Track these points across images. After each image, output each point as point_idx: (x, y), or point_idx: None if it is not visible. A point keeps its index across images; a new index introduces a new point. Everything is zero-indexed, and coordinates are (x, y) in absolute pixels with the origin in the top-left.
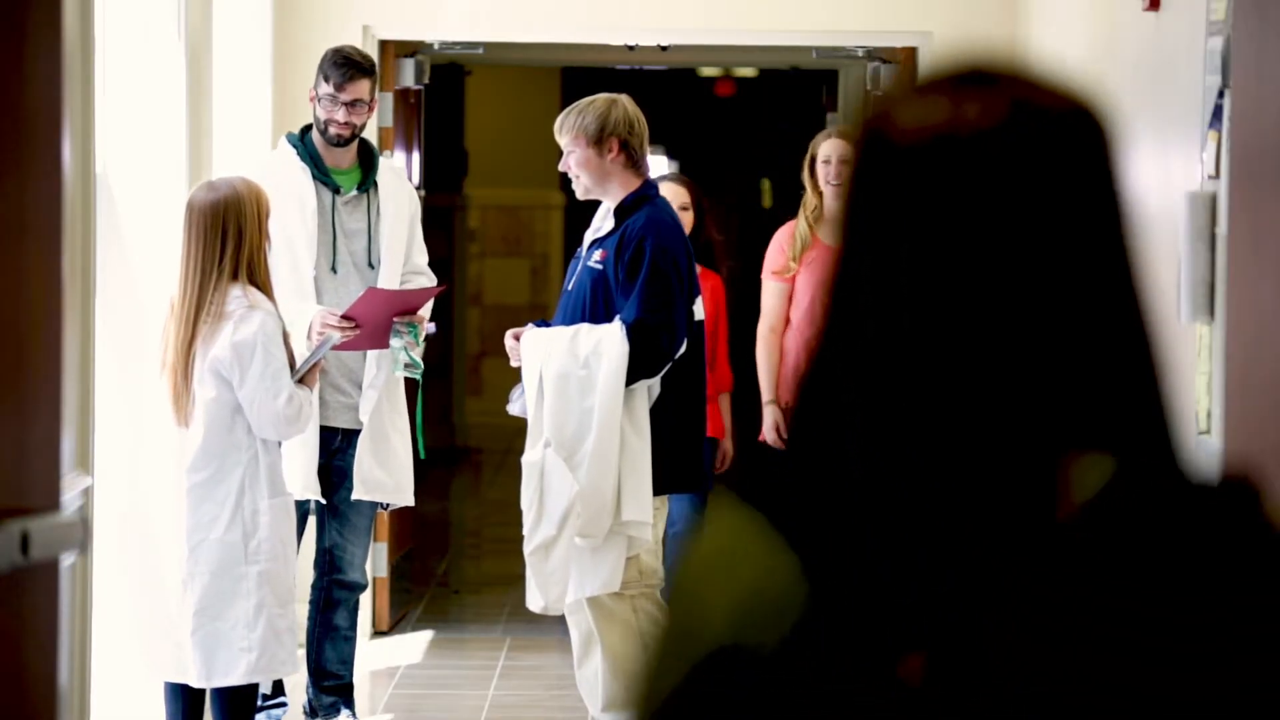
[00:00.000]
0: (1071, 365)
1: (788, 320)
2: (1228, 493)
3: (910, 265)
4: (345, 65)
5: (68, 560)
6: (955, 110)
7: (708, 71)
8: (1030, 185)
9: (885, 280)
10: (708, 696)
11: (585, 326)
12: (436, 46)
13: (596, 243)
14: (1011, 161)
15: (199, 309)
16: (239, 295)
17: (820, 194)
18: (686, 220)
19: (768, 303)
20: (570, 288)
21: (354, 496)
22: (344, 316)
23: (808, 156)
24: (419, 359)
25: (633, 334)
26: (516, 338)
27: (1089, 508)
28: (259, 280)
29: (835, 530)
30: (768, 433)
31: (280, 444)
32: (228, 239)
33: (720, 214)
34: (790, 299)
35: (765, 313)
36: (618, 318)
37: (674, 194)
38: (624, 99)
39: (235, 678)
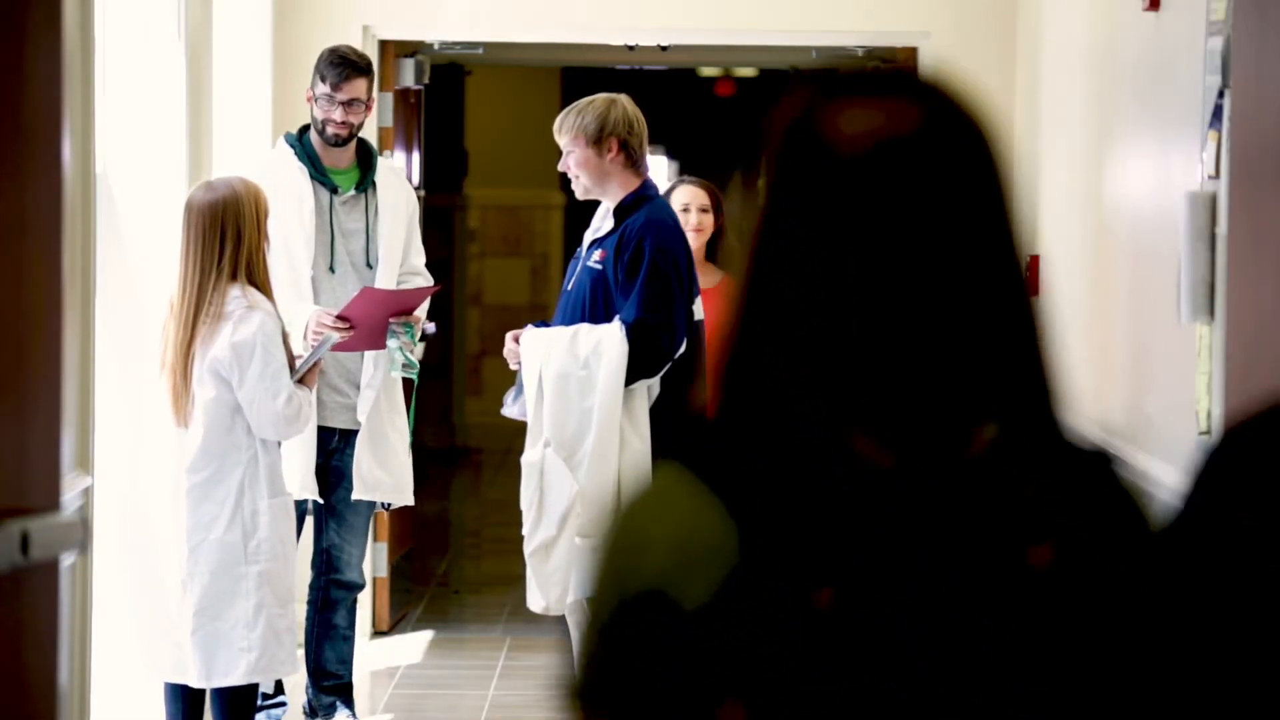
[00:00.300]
0: (974, 341)
1: None
2: (1092, 456)
3: (857, 253)
4: (341, 65)
5: (68, 560)
6: (885, 119)
7: (708, 71)
8: (951, 185)
9: (831, 270)
10: (629, 638)
11: (585, 326)
12: (436, 46)
13: (596, 243)
14: (933, 166)
15: (198, 309)
16: (238, 295)
17: None
18: (707, 223)
19: None
20: (570, 288)
21: (354, 496)
22: (340, 316)
23: None
24: (415, 359)
25: (632, 334)
26: (516, 340)
27: (997, 451)
28: (258, 280)
29: (760, 482)
30: None
31: (279, 444)
32: (227, 239)
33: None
34: None
35: None
36: (617, 318)
37: (694, 196)
38: (623, 99)
39: (235, 678)
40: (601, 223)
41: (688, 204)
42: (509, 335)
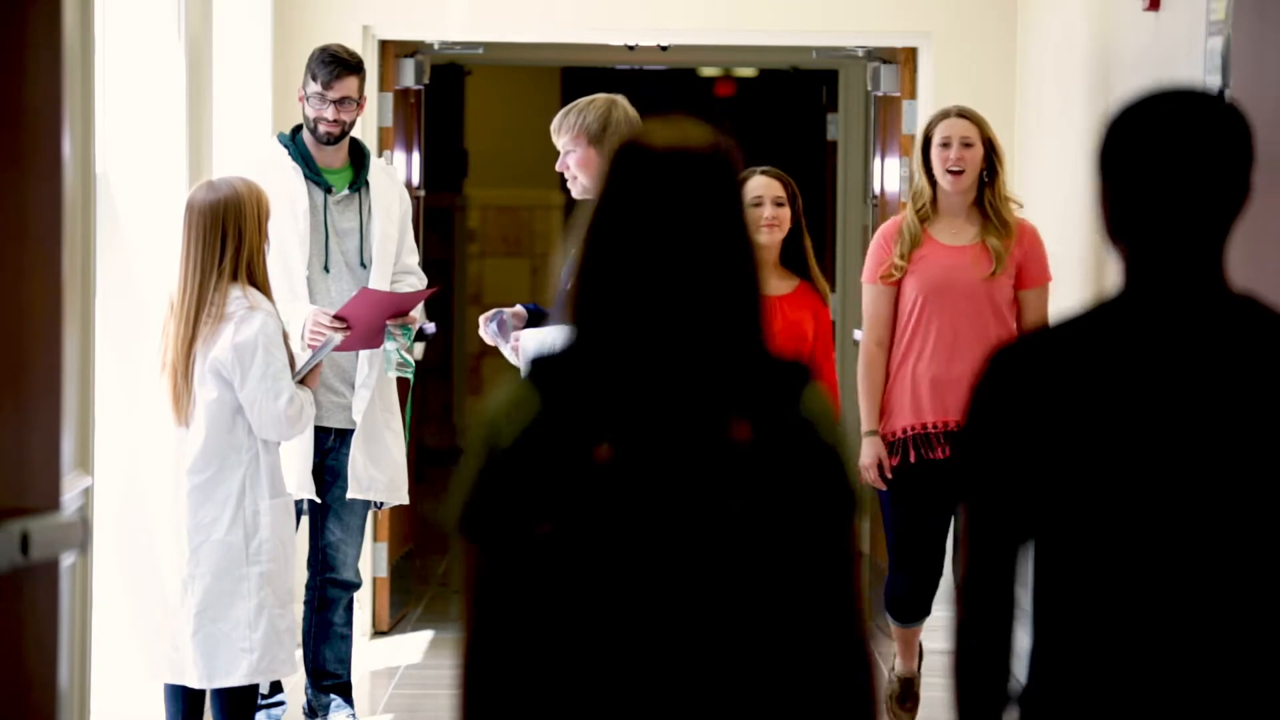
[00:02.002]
0: (714, 283)
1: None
2: (795, 369)
3: (652, 220)
4: (332, 63)
5: (68, 560)
6: (680, 136)
7: (708, 71)
8: (714, 171)
9: (636, 230)
10: (473, 479)
11: None
12: (436, 46)
13: None
14: (715, 170)
15: (199, 309)
16: (239, 296)
17: (934, 183)
18: (783, 218)
19: (870, 310)
20: (567, 287)
21: (348, 496)
22: (337, 316)
23: (920, 139)
24: (411, 360)
25: None
26: (490, 320)
27: (718, 366)
28: (258, 281)
29: (561, 372)
30: (867, 471)
31: (280, 444)
32: (228, 239)
33: None
34: (896, 305)
35: (869, 323)
36: None
37: (767, 188)
38: (621, 99)
39: (237, 678)
40: None
41: (760, 196)
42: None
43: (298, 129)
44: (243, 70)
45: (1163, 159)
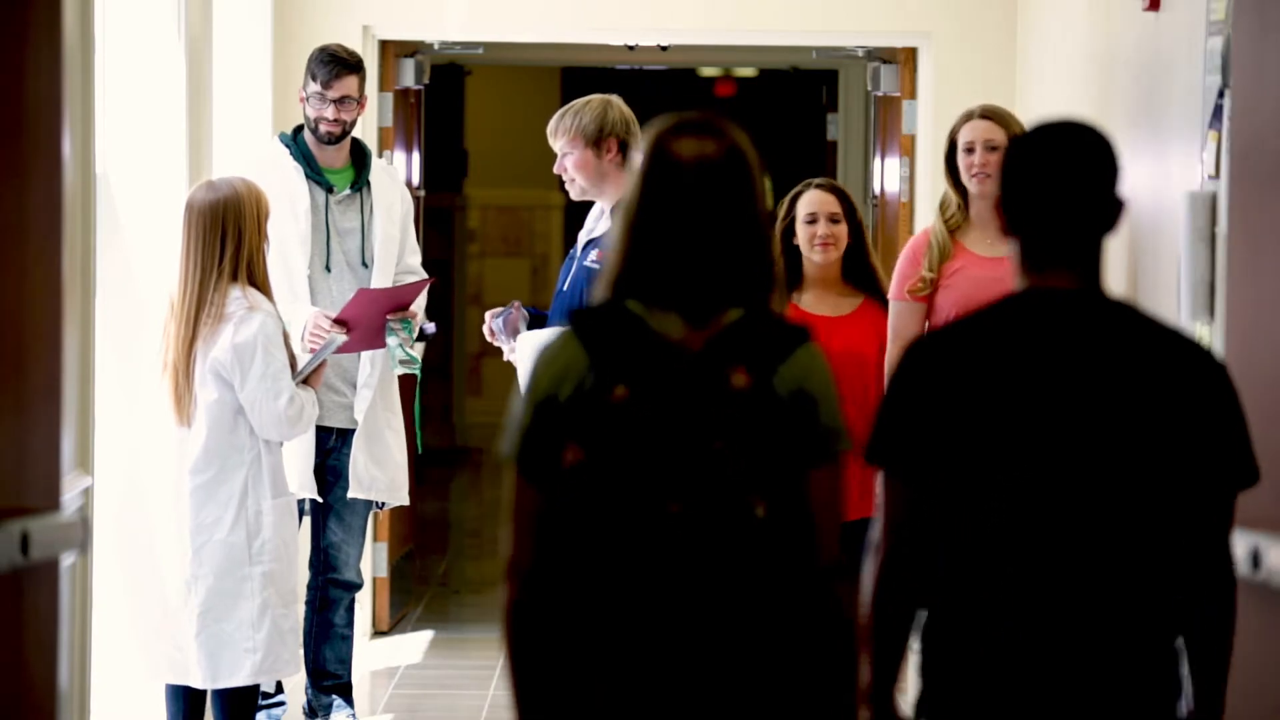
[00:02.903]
0: (728, 265)
1: None
2: (793, 330)
3: (677, 208)
4: (331, 63)
5: (68, 560)
6: (702, 146)
7: (708, 71)
8: (731, 177)
9: (666, 212)
10: (538, 425)
11: None
12: (436, 46)
13: (591, 243)
14: (729, 169)
15: (199, 309)
16: (238, 296)
17: (962, 190)
18: (840, 235)
19: (895, 327)
20: (565, 288)
21: (349, 495)
22: (337, 320)
23: (946, 144)
24: (416, 355)
25: None
26: (496, 317)
27: (733, 327)
28: (258, 281)
29: (594, 325)
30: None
31: (282, 444)
32: (227, 240)
33: None
34: (926, 322)
35: (894, 338)
36: None
37: (820, 204)
38: (616, 99)
39: (240, 678)
40: (596, 223)
41: (814, 212)
42: (489, 313)
43: (299, 129)
44: (243, 70)
45: (1042, 173)
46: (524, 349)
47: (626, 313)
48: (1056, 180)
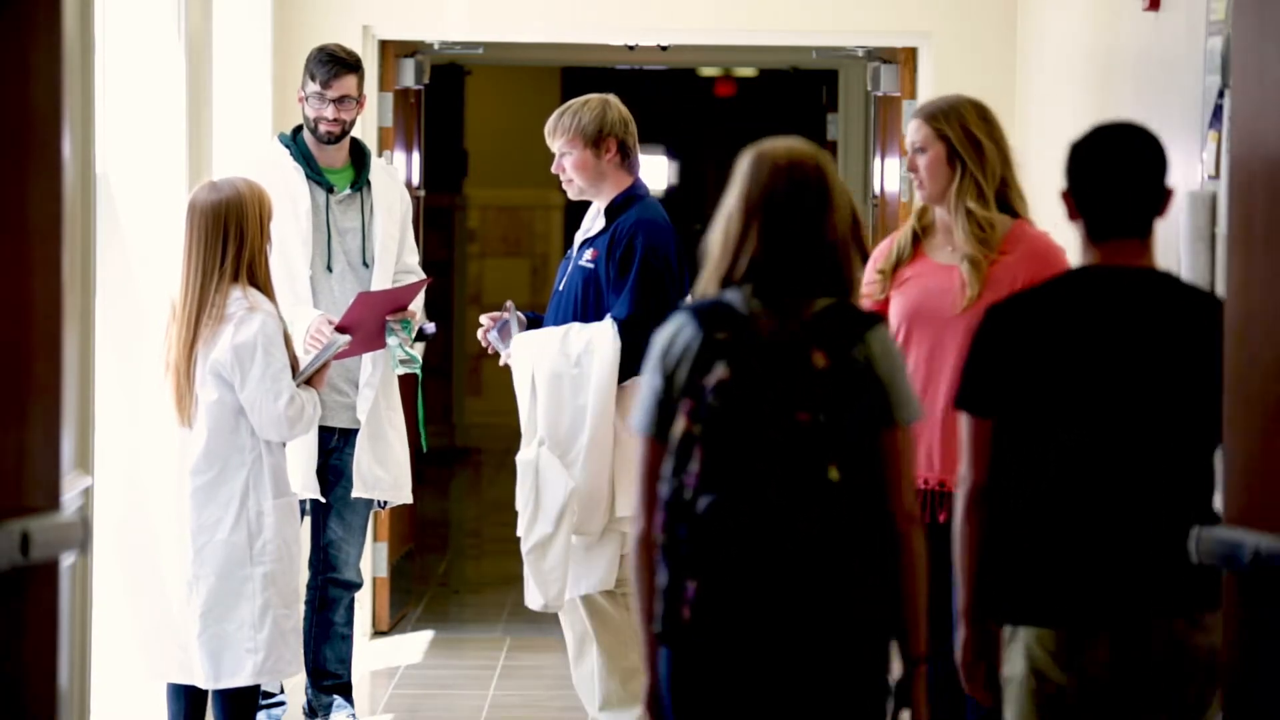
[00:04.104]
0: (817, 258)
1: None
2: (868, 316)
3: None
4: (330, 62)
5: (68, 560)
6: (794, 157)
7: (708, 71)
8: (821, 184)
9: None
10: (659, 398)
11: (576, 325)
12: (436, 46)
13: (587, 242)
14: (819, 178)
15: (200, 310)
16: (239, 297)
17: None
18: None
19: None
20: (561, 288)
21: (353, 494)
22: (338, 327)
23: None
24: (416, 355)
25: (624, 331)
26: (495, 319)
27: (819, 315)
28: (260, 281)
29: (707, 312)
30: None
31: (284, 445)
32: (229, 240)
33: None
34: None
35: None
36: (609, 315)
37: None
38: (614, 99)
39: (242, 679)
40: (593, 223)
41: None
42: (485, 317)
43: (298, 129)
44: (243, 70)
45: (1107, 163)
46: (520, 352)
47: (729, 304)
48: (1119, 169)
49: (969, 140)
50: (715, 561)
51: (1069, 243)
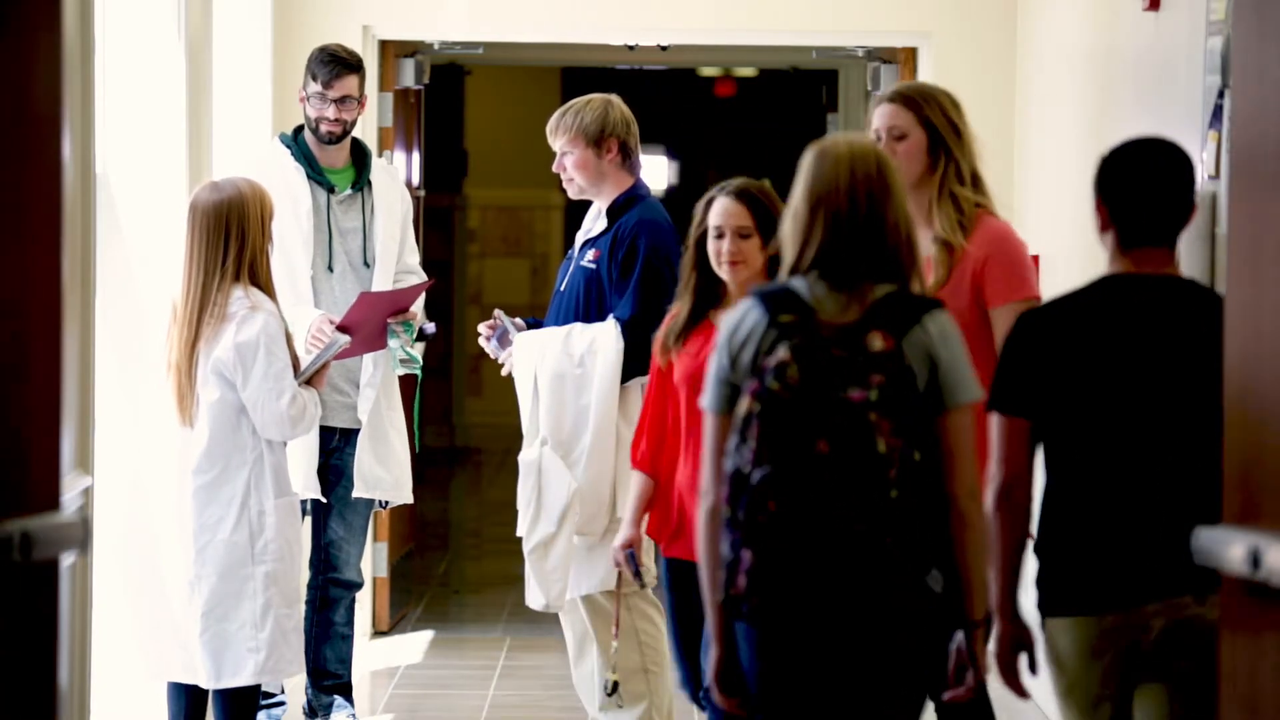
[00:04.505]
0: (877, 246)
1: None
2: (926, 301)
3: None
4: (332, 63)
5: (68, 560)
6: (855, 153)
7: (708, 71)
8: (882, 178)
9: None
10: (727, 379)
11: (578, 326)
12: (436, 46)
13: (589, 243)
14: (881, 171)
15: (202, 310)
16: (241, 297)
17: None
18: (749, 251)
19: None
20: (563, 288)
21: (354, 494)
22: (340, 327)
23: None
24: (417, 355)
25: (627, 331)
26: (493, 328)
27: (880, 300)
28: (261, 281)
29: (773, 297)
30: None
31: (285, 444)
32: (231, 240)
33: None
34: None
35: None
36: (611, 315)
37: (728, 215)
38: (616, 99)
39: (244, 678)
40: (594, 223)
41: (720, 226)
42: (483, 326)
43: (299, 129)
44: (243, 70)
45: (1141, 175)
46: (522, 352)
47: (794, 290)
48: (1154, 181)
49: (951, 126)
50: (768, 534)
51: (1068, 247)
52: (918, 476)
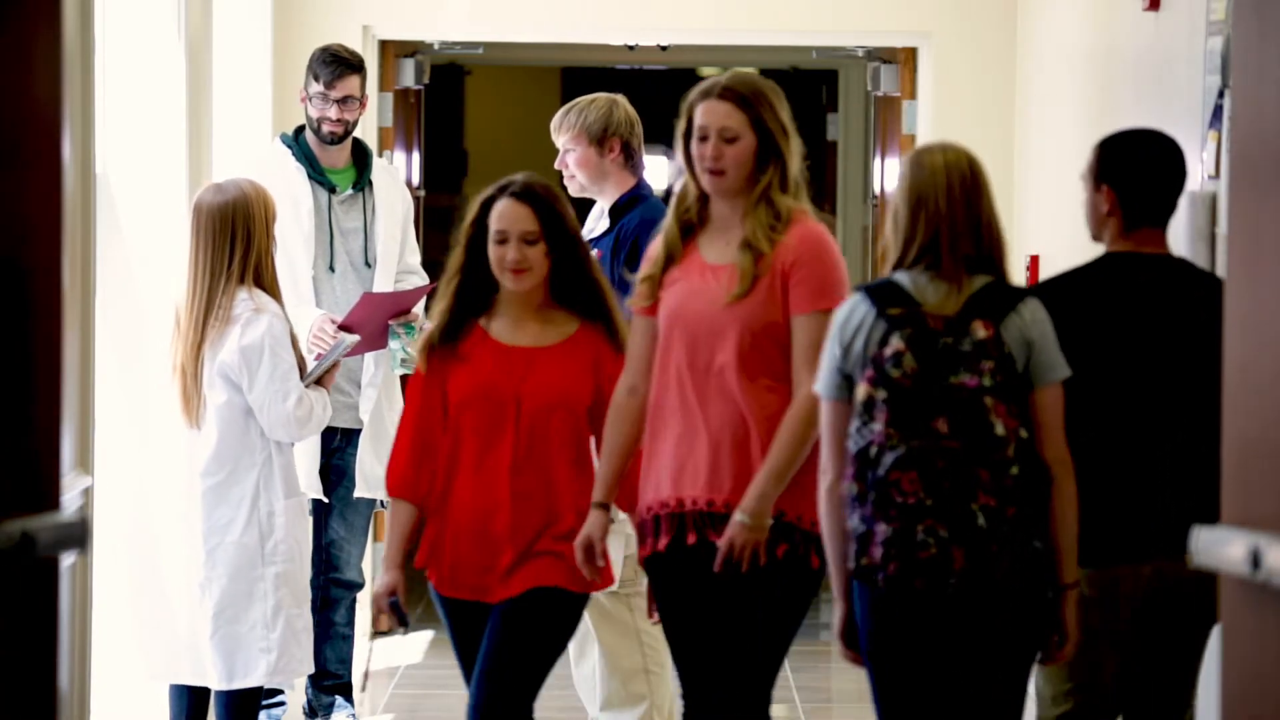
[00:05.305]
0: (973, 241)
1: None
2: (1020, 290)
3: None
4: (334, 63)
5: (68, 560)
6: (947, 154)
7: (708, 71)
8: (975, 176)
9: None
10: (840, 368)
11: None
12: (436, 46)
13: (592, 243)
14: (973, 170)
15: (207, 312)
16: (245, 298)
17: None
18: (534, 259)
19: (629, 348)
20: None
21: (356, 494)
22: (342, 326)
23: (683, 123)
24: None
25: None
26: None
27: (978, 291)
28: (266, 282)
29: (878, 291)
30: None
31: (293, 445)
32: (236, 242)
33: None
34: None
35: (626, 365)
36: None
37: (512, 219)
38: (621, 99)
39: (256, 679)
40: (596, 223)
41: (504, 230)
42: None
43: (300, 130)
44: (243, 70)
45: (1149, 163)
46: None
47: (898, 284)
48: (1159, 165)
49: (782, 130)
50: (904, 511)
51: (1068, 247)
52: (1030, 452)
